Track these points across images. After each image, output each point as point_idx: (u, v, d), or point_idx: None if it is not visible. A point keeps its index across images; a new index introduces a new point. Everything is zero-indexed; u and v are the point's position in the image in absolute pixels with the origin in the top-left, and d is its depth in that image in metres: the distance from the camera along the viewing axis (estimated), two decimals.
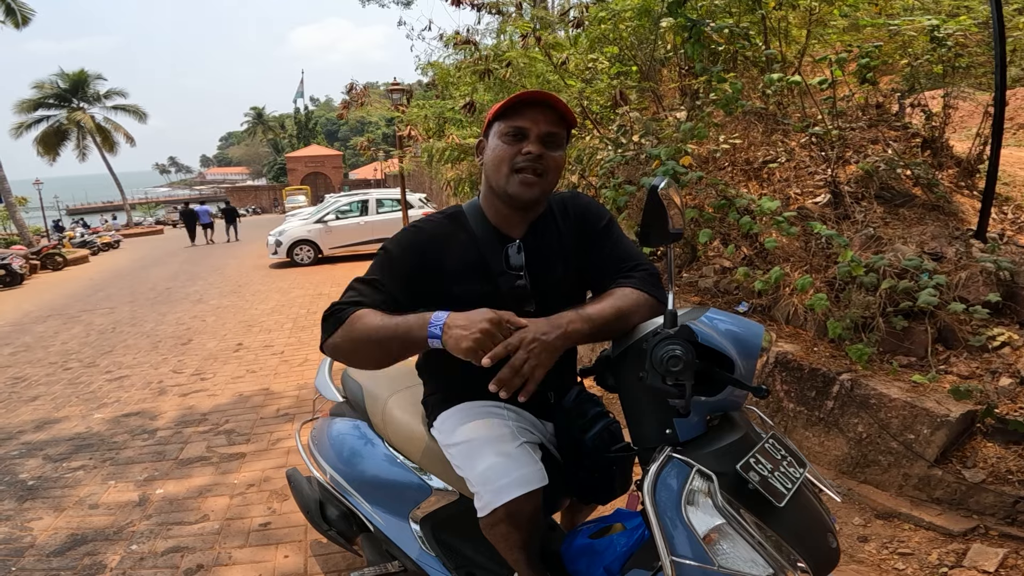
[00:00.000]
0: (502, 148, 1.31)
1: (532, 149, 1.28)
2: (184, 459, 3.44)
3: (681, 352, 0.99)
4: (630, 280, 1.30)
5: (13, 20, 22.19)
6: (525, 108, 1.30)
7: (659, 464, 1.05)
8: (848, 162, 4.42)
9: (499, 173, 1.32)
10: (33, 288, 13.60)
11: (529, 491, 1.27)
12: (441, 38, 5.92)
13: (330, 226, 12.29)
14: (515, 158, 1.29)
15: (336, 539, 1.92)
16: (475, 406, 1.45)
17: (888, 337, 2.74)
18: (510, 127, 1.30)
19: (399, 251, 1.33)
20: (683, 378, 1.00)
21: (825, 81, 4.20)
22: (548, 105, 1.30)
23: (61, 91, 34.51)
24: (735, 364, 1.09)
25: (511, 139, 1.30)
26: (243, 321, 7.39)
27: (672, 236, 1.14)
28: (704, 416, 1.13)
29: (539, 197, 1.33)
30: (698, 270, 4.16)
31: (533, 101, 1.30)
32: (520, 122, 1.30)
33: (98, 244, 23.17)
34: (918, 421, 2.24)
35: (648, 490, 1.02)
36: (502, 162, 1.31)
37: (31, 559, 2.50)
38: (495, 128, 1.34)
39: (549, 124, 1.30)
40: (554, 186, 1.37)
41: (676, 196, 1.14)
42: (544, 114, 1.29)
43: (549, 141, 1.31)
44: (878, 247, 3.46)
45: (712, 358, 1.09)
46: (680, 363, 0.98)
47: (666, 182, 1.12)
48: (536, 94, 1.30)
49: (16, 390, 5.20)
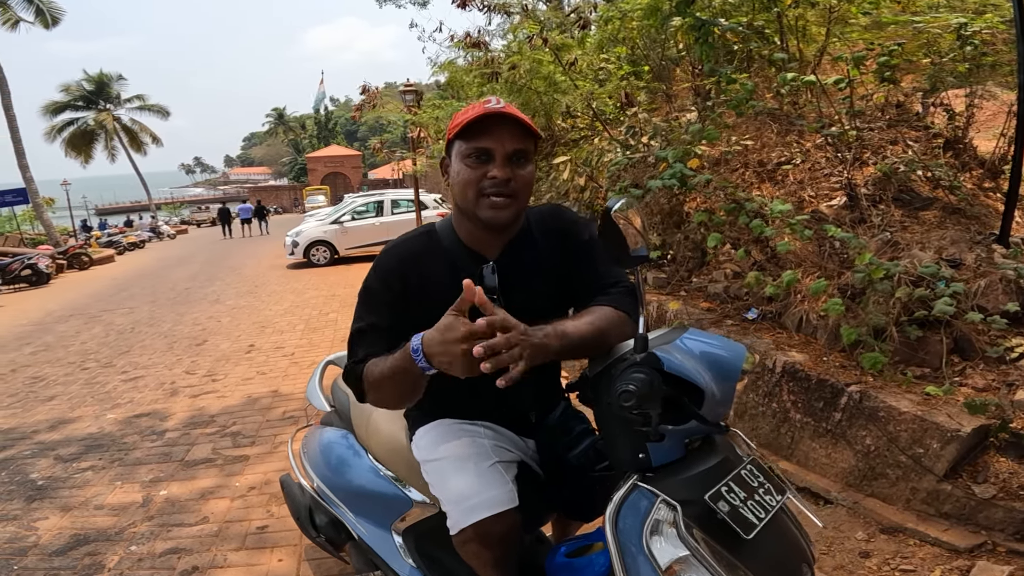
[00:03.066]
0: (467, 172, 1.22)
1: (499, 174, 1.20)
2: (189, 461, 3.46)
3: (635, 387, 0.95)
4: (609, 298, 1.26)
5: (43, 20, 22.79)
6: (487, 126, 1.20)
7: (623, 492, 1.02)
8: (866, 163, 4.30)
9: (466, 198, 1.24)
10: (59, 287, 13.94)
11: (497, 513, 1.24)
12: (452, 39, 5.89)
13: (346, 227, 12.38)
14: (481, 182, 1.21)
15: (325, 546, 1.94)
16: (451, 424, 1.42)
17: (902, 347, 2.64)
18: (472, 148, 1.21)
19: (378, 284, 1.30)
20: (647, 407, 0.96)
21: (842, 80, 4.09)
22: (511, 120, 1.20)
23: (87, 93, 35.23)
24: (705, 393, 1.03)
25: (475, 161, 1.22)
26: (257, 322, 7.46)
27: (635, 259, 1.08)
28: (682, 440, 1.08)
29: (512, 219, 1.26)
30: (708, 275, 4.08)
31: (492, 117, 1.19)
32: (483, 142, 1.20)
33: (124, 244, 23.72)
34: (928, 435, 2.16)
35: (610, 519, 1.00)
36: (468, 186, 1.22)
37: (33, 558, 2.54)
38: (456, 148, 1.25)
39: (514, 141, 1.21)
40: (527, 204, 1.30)
41: (636, 217, 1.08)
42: (508, 130, 1.20)
43: (516, 159, 1.22)
44: (895, 252, 3.34)
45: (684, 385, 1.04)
46: (632, 398, 0.94)
47: (622, 203, 1.06)
48: (496, 110, 1.20)
49: (34, 390, 5.31)
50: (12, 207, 21.66)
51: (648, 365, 0.99)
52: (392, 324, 1.26)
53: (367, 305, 1.30)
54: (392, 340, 1.24)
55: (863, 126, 4.41)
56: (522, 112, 1.26)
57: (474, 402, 1.42)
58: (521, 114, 1.22)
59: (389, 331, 1.25)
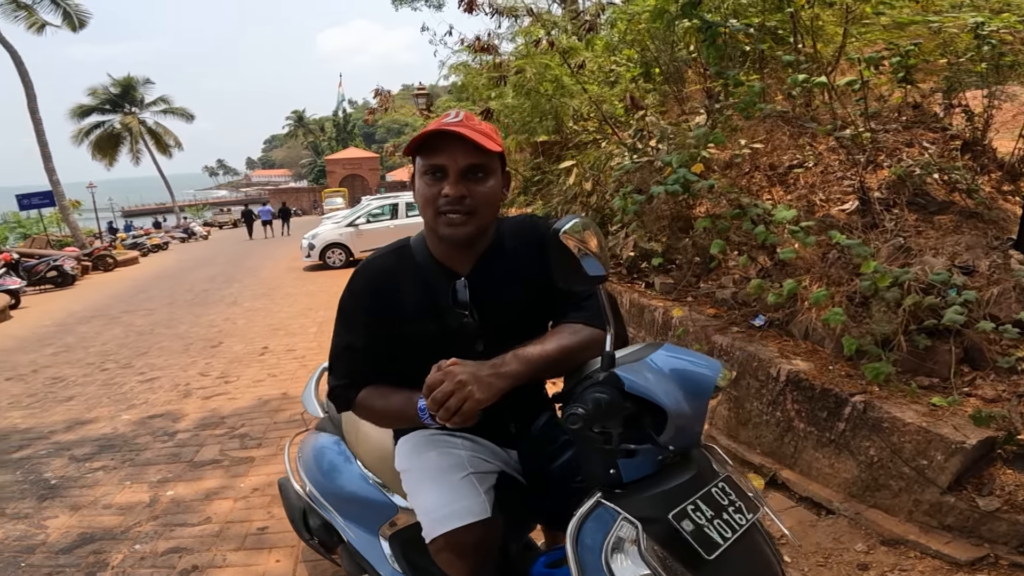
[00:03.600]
0: (424, 188, 1.23)
1: (451, 192, 1.20)
2: (197, 461, 3.52)
3: (583, 410, 0.95)
4: (582, 313, 1.25)
5: (70, 23, 23.31)
6: (440, 142, 1.19)
7: (585, 509, 1.02)
8: (880, 166, 4.21)
9: (427, 215, 1.25)
10: (83, 289, 14.27)
11: (467, 523, 1.25)
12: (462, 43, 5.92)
13: (361, 230, 12.50)
14: (437, 200, 1.21)
15: (317, 548, 1.97)
16: (430, 435, 1.43)
17: (909, 356, 2.58)
18: (427, 165, 1.22)
19: (351, 301, 1.32)
20: (608, 426, 0.96)
21: (854, 81, 4.01)
22: (463, 136, 1.19)
23: (113, 96, 35.94)
24: (668, 413, 1.01)
25: (431, 178, 1.22)
26: (271, 324, 7.56)
27: (591, 279, 1.06)
28: (655, 456, 1.07)
29: (473, 235, 1.26)
30: (717, 280, 4.03)
31: (444, 134, 1.19)
32: (437, 159, 1.21)
33: (147, 245, 24.22)
34: (932, 447, 2.11)
35: (571, 535, 0.99)
36: (427, 204, 1.23)
37: (40, 556, 2.61)
38: (417, 164, 1.26)
39: (468, 156, 1.19)
40: (490, 219, 1.29)
41: (593, 237, 1.06)
42: (461, 146, 1.19)
43: (472, 174, 1.21)
44: (907, 258, 3.27)
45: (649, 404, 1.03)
46: (579, 420, 0.94)
47: (572, 224, 1.05)
48: (446, 127, 1.19)
49: (53, 390, 5.44)
50: (39, 209, 22.19)
51: (609, 385, 0.99)
52: (368, 344, 1.30)
53: (343, 323, 1.33)
54: (370, 359, 1.29)
55: (878, 128, 4.32)
56: (531, 116, 1.28)
57: None
58: (475, 130, 1.20)
59: (365, 351, 1.30)
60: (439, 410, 1.06)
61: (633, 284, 4.22)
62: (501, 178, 1.30)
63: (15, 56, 21.22)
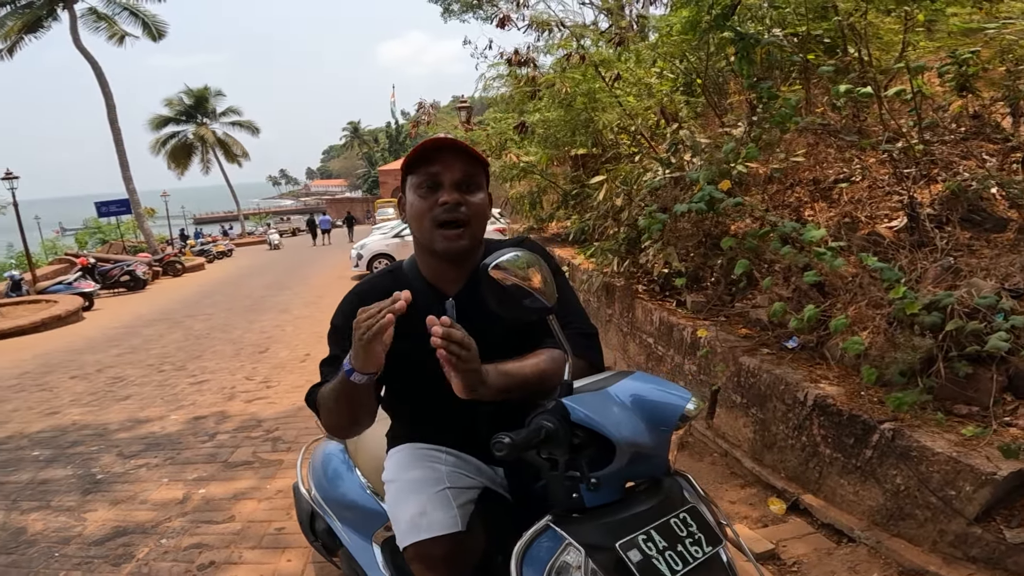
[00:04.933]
0: (419, 202, 1.27)
1: (448, 198, 1.24)
2: (231, 462, 3.68)
3: (509, 439, 0.94)
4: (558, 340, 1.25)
5: (150, 34, 24.85)
6: (433, 155, 1.25)
7: (533, 531, 1.03)
8: (934, 180, 3.98)
9: (421, 229, 1.28)
10: (153, 293, 15.19)
11: (436, 536, 1.27)
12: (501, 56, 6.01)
13: (406, 240, 12.78)
14: (434, 210, 1.25)
15: (321, 551, 2.07)
16: (416, 449, 1.46)
17: (948, 384, 2.42)
18: (421, 178, 1.26)
19: (341, 319, 1.36)
20: (555, 453, 0.95)
21: (903, 91, 3.82)
22: (455, 148, 1.25)
23: (188, 107, 37.97)
24: (616, 444, 1.00)
25: (426, 191, 1.26)
26: (316, 332, 7.81)
27: (532, 311, 1.07)
28: (619, 483, 1.05)
29: (468, 247, 1.29)
30: (752, 299, 3.90)
31: (438, 147, 1.25)
32: (431, 169, 1.25)
33: (213, 252, 25.53)
34: (961, 477, 2.00)
35: (515, 557, 1.01)
36: (422, 216, 1.27)
37: (74, 547, 2.79)
38: (409, 182, 1.30)
39: (462, 167, 1.25)
40: (481, 233, 1.33)
41: (536, 272, 1.07)
42: (455, 157, 1.25)
43: (466, 185, 1.26)
44: (955, 280, 3.07)
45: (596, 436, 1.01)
46: (504, 448, 0.93)
47: (507, 259, 1.06)
48: (439, 140, 1.25)
49: (113, 389, 5.81)
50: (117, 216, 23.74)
51: (555, 413, 0.99)
52: None
53: (332, 339, 1.38)
54: None
55: (932, 140, 4.09)
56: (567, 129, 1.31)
57: (440, 429, 1.46)
58: (463, 143, 1.27)
59: None
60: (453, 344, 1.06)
61: (664, 302, 4.14)
62: (487, 194, 1.33)
63: (96, 67, 22.79)
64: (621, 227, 4.36)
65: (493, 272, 1.04)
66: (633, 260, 4.35)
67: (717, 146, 4.12)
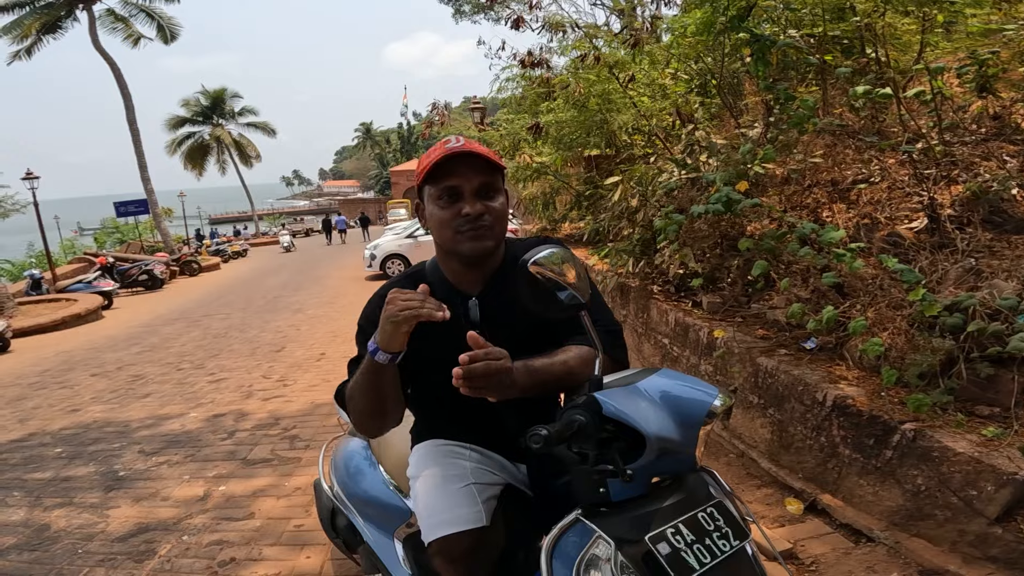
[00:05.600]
0: (440, 212, 1.27)
1: (471, 210, 1.24)
2: (250, 460, 3.73)
3: (546, 431, 0.95)
4: (585, 336, 1.26)
5: (163, 36, 25.17)
6: (451, 165, 1.24)
7: (563, 525, 1.04)
8: (955, 182, 3.95)
9: (444, 237, 1.29)
10: (170, 292, 15.39)
11: (460, 530, 1.28)
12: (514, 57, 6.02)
13: (419, 241, 12.85)
14: (455, 220, 1.25)
15: (341, 547, 2.09)
16: (441, 445, 1.48)
17: (970, 385, 2.41)
18: (440, 190, 1.25)
19: (365, 320, 1.37)
20: (585, 447, 0.97)
21: (922, 92, 3.79)
22: (472, 156, 1.23)
23: (204, 108, 38.30)
24: (647, 439, 1.01)
25: (447, 201, 1.26)
26: (331, 331, 7.89)
27: (567, 308, 1.08)
28: (648, 478, 1.07)
29: (492, 248, 1.31)
30: (769, 300, 3.88)
31: (454, 156, 1.23)
32: (450, 181, 1.24)
33: (229, 252, 25.80)
34: (982, 477, 2.01)
35: (545, 551, 1.02)
36: (444, 226, 1.27)
37: (97, 544, 2.84)
38: (427, 192, 1.29)
39: (480, 175, 1.24)
40: (504, 232, 1.34)
41: (571, 268, 1.07)
42: (471, 165, 1.24)
43: (485, 192, 1.26)
44: (976, 281, 3.05)
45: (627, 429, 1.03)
46: (541, 440, 0.95)
47: (544, 255, 1.07)
48: (455, 149, 1.23)
49: (133, 387, 5.90)
50: (135, 216, 24.04)
51: (587, 407, 1.01)
52: None
53: (359, 339, 1.39)
54: None
55: (953, 141, 4.06)
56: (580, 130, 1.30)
57: (464, 426, 1.48)
58: (482, 149, 1.26)
59: None
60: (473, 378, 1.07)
61: (679, 303, 4.14)
62: (505, 195, 1.35)
63: (115, 68, 23.09)
64: (636, 228, 4.36)
65: (532, 268, 1.06)
66: (648, 261, 4.35)
67: (733, 147, 4.11)
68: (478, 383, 1.07)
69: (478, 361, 1.07)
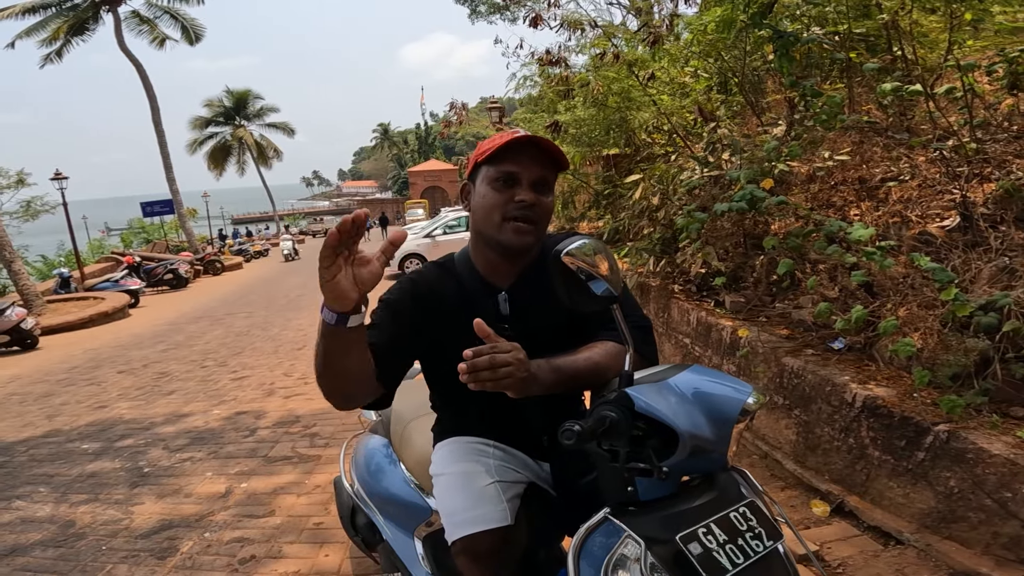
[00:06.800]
0: (492, 195, 1.25)
1: (526, 197, 1.23)
2: (271, 457, 3.76)
3: (578, 427, 0.93)
4: (613, 332, 1.24)
5: (188, 38, 25.60)
6: (514, 152, 1.23)
7: (592, 523, 1.02)
8: (988, 179, 3.84)
9: (490, 221, 1.26)
10: (194, 291, 15.65)
11: (485, 529, 1.27)
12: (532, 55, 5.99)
13: (437, 241, 12.89)
14: (507, 206, 1.24)
15: (360, 545, 2.10)
16: (464, 442, 1.47)
17: (1005, 386, 2.35)
18: (499, 172, 1.24)
19: (396, 296, 1.33)
20: (616, 444, 0.95)
21: (953, 89, 3.69)
22: (538, 147, 1.23)
23: (227, 109, 38.82)
24: (680, 435, 0.99)
25: (501, 185, 1.24)
26: None
27: (599, 300, 1.05)
28: (679, 476, 1.05)
29: (532, 245, 1.28)
30: (794, 299, 3.82)
31: (522, 144, 1.23)
32: (510, 167, 1.23)
33: (251, 252, 26.17)
34: (1017, 479, 1.96)
35: (573, 548, 1.00)
36: (493, 210, 1.25)
37: (121, 540, 2.88)
38: (482, 173, 1.28)
39: (540, 168, 1.24)
40: (545, 232, 1.32)
41: (604, 259, 1.05)
42: (534, 158, 1.23)
43: (540, 186, 1.25)
44: (1011, 281, 2.96)
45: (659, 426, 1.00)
46: (573, 436, 0.93)
47: (578, 246, 1.04)
48: (525, 137, 1.23)
49: (159, 384, 6.00)
50: (161, 216, 24.48)
51: (619, 403, 0.99)
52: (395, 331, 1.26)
53: (383, 312, 1.32)
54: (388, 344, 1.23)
55: (985, 138, 3.95)
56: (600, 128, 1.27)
57: (487, 423, 1.46)
58: (549, 142, 1.25)
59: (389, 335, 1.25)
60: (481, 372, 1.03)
61: (702, 302, 4.08)
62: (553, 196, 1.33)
63: (141, 70, 23.53)
64: (656, 226, 4.31)
65: (567, 260, 1.04)
66: (669, 260, 4.30)
67: (756, 145, 4.05)
68: (484, 377, 1.04)
69: (483, 355, 1.04)
